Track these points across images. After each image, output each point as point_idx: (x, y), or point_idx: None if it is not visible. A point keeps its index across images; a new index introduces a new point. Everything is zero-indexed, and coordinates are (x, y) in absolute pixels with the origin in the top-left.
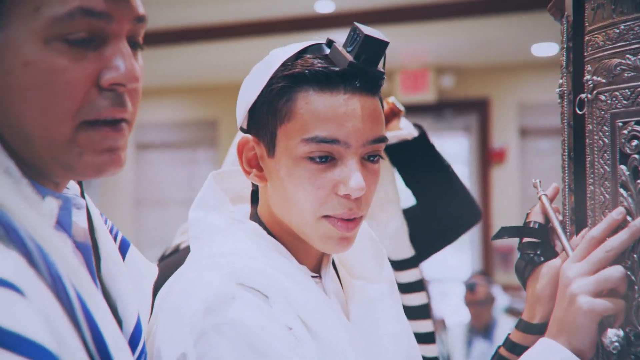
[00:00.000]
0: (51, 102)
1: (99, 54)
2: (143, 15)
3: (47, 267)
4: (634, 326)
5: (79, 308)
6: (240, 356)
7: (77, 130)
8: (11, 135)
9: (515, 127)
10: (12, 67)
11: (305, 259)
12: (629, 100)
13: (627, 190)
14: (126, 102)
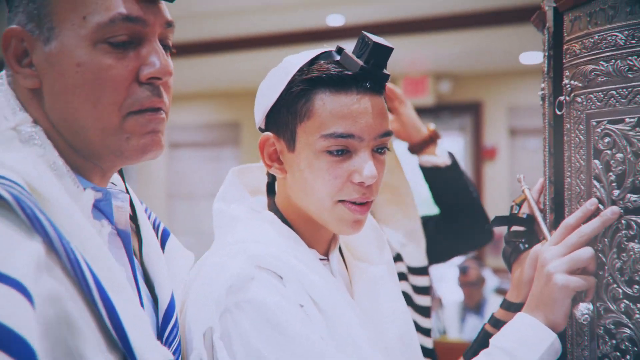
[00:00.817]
0: (101, 95)
1: (137, 53)
2: (171, 21)
3: (66, 253)
4: (604, 301)
5: (95, 288)
6: (258, 329)
7: (124, 119)
8: (69, 131)
9: (505, 127)
10: (66, 68)
11: (316, 243)
12: (602, 102)
13: (599, 182)
14: (162, 93)
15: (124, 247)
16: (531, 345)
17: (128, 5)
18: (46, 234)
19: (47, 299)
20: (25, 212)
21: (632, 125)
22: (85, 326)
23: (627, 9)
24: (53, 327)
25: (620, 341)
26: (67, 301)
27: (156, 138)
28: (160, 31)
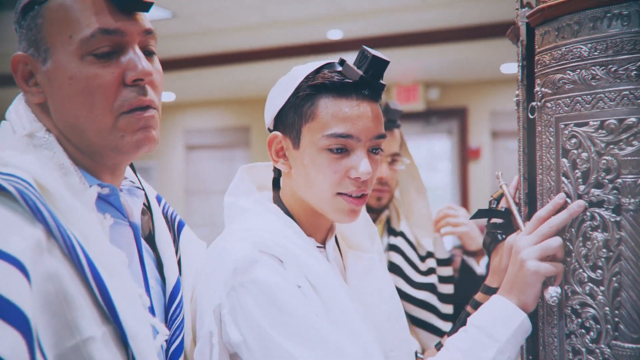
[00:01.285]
0: (93, 101)
1: (120, 61)
2: (149, 29)
3: (63, 238)
4: (571, 284)
5: (88, 268)
6: (260, 306)
7: (117, 119)
8: (74, 135)
9: (488, 130)
10: (62, 82)
11: (315, 233)
12: (569, 107)
13: (567, 178)
14: (148, 91)
15: (134, 236)
16: (503, 323)
17: (105, 20)
18: (46, 223)
19: (46, 276)
20: (27, 203)
21: (595, 128)
22: (81, 301)
23: (590, 24)
24: (52, 302)
25: (585, 319)
26: (64, 279)
27: (148, 134)
28: (140, 39)
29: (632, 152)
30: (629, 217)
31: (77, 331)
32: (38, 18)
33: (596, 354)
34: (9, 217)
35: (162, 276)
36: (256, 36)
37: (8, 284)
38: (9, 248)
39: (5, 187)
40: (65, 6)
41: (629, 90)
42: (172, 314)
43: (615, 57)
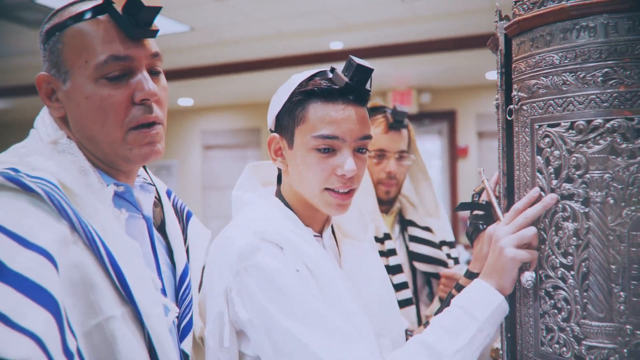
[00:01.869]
0: (105, 117)
1: (130, 83)
2: (156, 52)
3: (85, 232)
4: (544, 269)
5: (106, 257)
6: (262, 287)
7: (126, 134)
8: (90, 144)
9: (474, 131)
10: (80, 101)
11: (312, 223)
12: (543, 110)
13: (541, 174)
14: (154, 109)
15: (147, 227)
16: (483, 304)
17: (116, 48)
18: (70, 219)
19: (71, 265)
20: (53, 203)
21: (566, 128)
22: (102, 285)
23: (560, 35)
24: (77, 287)
25: (557, 301)
26: (87, 267)
27: (153, 147)
28: (147, 62)
29: (599, 150)
30: (596, 209)
31: (100, 311)
32: (59, 43)
33: (567, 332)
34: (38, 215)
35: (172, 261)
36: (265, 47)
37: (38, 272)
38: (39, 241)
39: (34, 189)
40: (82, 34)
41: (595, 94)
42: (182, 294)
43: (583, 65)
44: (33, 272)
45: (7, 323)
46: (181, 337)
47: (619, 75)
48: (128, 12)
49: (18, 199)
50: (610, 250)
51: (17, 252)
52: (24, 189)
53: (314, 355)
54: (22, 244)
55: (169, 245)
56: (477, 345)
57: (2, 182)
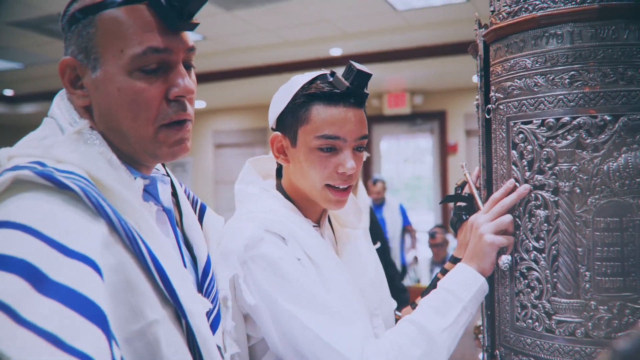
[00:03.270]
0: (138, 113)
1: (166, 77)
2: (192, 46)
3: (125, 231)
4: (519, 252)
5: (148, 257)
6: (267, 275)
7: (157, 130)
8: (115, 137)
9: (463, 129)
10: (110, 92)
11: (311, 214)
12: (517, 109)
13: (516, 166)
14: (187, 107)
15: (169, 220)
16: (466, 285)
17: (156, 39)
18: (108, 218)
19: (112, 268)
20: (91, 201)
21: (537, 125)
22: (142, 287)
23: (532, 42)
24: (118, 290)
25: (530, 280)
26: (128, 269)
27: (183, 145)
28: (184, 56)
29: (566, 144)
30: (565, 198)
31: (142, 316)
32: (91, 27)
33: (539, 308)
34: (76, 217)
35: (190, 253)
36: (271, 54)
37: (84, 282)
38: (79, 247)
39: (69, 185)
40: (119, 21)
41: (563, 95)
42: (206, 289)
43: (552, 68)
44: (79, 283)
45: (58, 344)
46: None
47: (583, 78)
48: (171, 3)
49: (52, 197)
50: (577, 234)
51: (59, 261)
52: (58, 186)
53: (314, 335)
54: (63, 252)
55: (185, 237)
56: (462, 323)
57: (33, 178)
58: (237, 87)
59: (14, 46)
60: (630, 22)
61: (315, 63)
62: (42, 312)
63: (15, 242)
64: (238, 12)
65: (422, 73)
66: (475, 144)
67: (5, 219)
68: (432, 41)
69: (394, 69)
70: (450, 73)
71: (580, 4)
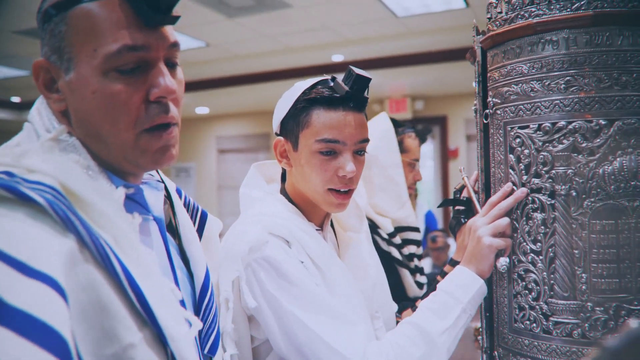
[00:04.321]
0: (116, 117)
1: (145, 77)
2: (175, 42)
3: (96, 247)
4: (517, 255)
5: (122, 275)
6: (271, 278)
7: (138, 136)
8: (94, 144)
9: (464, 134)
10: (84, 95)
11: (314, 218)
12: (514, 114)
13: (513, 170)
14: (170, 108)
15: (159, 230)
16: (465, 287)
17: (133, 36)
18: (77, 232)
19: (80, 288)
20: (58, 214)
21: (534, 130)
22: (117, 308)
23: (528, 48)
24: (88, 312)
25: (528, 282)
26: (99, 288)
27: (168, 152)
28: (165, 53)
29: (562, 148)
30: (561, 201)
31: (116, 339)
32: (62, 25)
33: (536, 309)
34: (40, 232)
35: (186, 265)
36: (274, 60)
37: (43, 306)
38: (42, 266)
39: (34, 198)
40: (91, 16)
41: (559, 100)
42: (205, 307)
43: (549, 74)
44: (36, 307)
45: None
46: (211, 349)
47: (579, 83)
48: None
49: (15, 212)
50: (574, 237)
51: (17, 282)
52: (22, 198)
53: (316, 337)
54: (22, 271)
55: (181, 246)
56: (461, 325)
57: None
58: (240, 93)
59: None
60: (624, 29)
61: (317, 69)
62: None
63: None
64: (240, 19)
65: (423, 79)
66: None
67: None
68: (433, 47)
69: (395, 75)
70: (451, 78)
71: (575, 11)
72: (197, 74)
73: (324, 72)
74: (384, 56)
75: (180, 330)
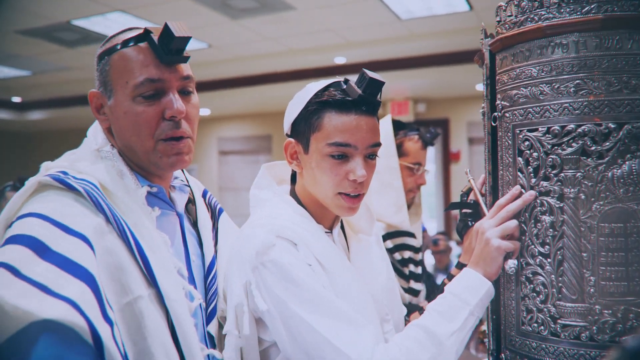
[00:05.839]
0: (140, 130)
1: (161, 101)
2: (187, 75)
3: (118, 225)
4: (525, 257)
5: (134, 246)
6: (278, 281)
7: (157, 144)
8: (128, 152)
9: (465, 137)
10: (119, 115)
11: (323, 220)
12: (523, 117)
13: (522, 173)
14: (181, 124)
15: (179, 223)
16: (473, 290)
17: (152, 72)
18: (105, 213)
19: (106, 251)
20: (92, 200)
21: (543, 133)
22: (131, 269)
23: (537, 51)
24: (112, 270)
25: (536, 285)
26: (119, 253)
27: (180, 158)
28: (178, 84)
29: (571, 152)
30: (570, 204)
31: (130, 291)
32: (107, 65)
33: (544, 312)
34: (79, 208)
35: (203, 254)
36: (276, 62)
37: (78, 252)
38: (79, 228)
39: (76, 187)
40: (125, 59)
41: (568, 103)
42: (208, 283)
43: (558, 77)
44: (73, 252)
45: (47, 291)
46: (207, 320)
47: (588, 86)
48: (162, 41)
49: (63, 195)
50: (582, 240)
51: (60, 237)
52: (69, 187)
53: (324, 339)
54: (65, 231)
55: (200, 239)
56: (469, 327)
57: (50, 182)
58: (242, 95)
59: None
60: (634, 32)
61: (320, 71)
62: (38, 271)
63: (30, 224)
64: (243, 21)
65: (425, 81)
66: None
67: (28, 211)
68: (435, 50)
69: (398, 77)
70: (453, 81)
71: (585, 14)
72: (199, 75)
73: (326, 74)
74: (387, 58)
75: (177, 294)
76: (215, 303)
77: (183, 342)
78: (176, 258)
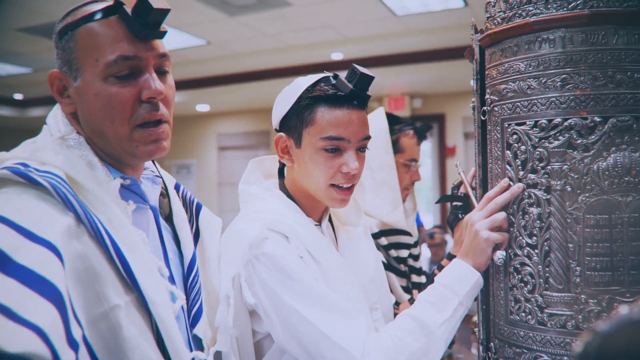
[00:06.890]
0: (113, 114)
1: (137, 81)
2: (164, 53)
3: (90, 224)
4: (513, 249)
5: (111, 247)
6: (271, 274)
7: (133, 130)
8: (98, 139)
9: (461, 132)
10: (89, 98)
11: (313, 213)
12: (511, 110)
13: (510, 166)
14: (159, 107)
15: (153, 217)
16: (462, 280)
17: (126, 48)
18: (75, 211)
19: (76, 256)
20: (60, 196)
21: (530, 126)
22: (106, 275)
23: (525, 46)
24: (83, 277)
25: (523, 275)
26: (92, 258)
27: (159, 145)
28: (155, 62)
29: (558, 145)
30: (557, 196)
31: (105, 300)
32: (71, 42)
33: (532, 302)
34: (45, 208)
35: (179, 250)
36: (274, 58)
37: (43, 265)
38: (44, 234)
39: (41, 182)
40: (93, 34)
41: (555, 97)
42: (191, 282)
43: (545, 72)
44: (38, 264)
45: (10, 316)
46: (192, 323)
47: (574, 81)
48: (137, 14)
49: (25, 192)
50: (568, 231)
51: (23, 245)
52: (31, 182)
53: (317, 330)
54: (28, 237)
55: (176, 234)
56: (459, 317)
57: (10, 176)
58: (241, 91)
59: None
60: (619, 28)
61: (317, 67)
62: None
63: None
64: (241, 18)
65: (421, 77)
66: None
67: None
68: (432, 46)
69: (394, 73)
70: (449, 77)
71: (572, 10)
72: (198, 72)
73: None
74: (383, 54)
75: (161, 297)
76: (200, 304)
77: (170, 348)
78: (154, 256)
